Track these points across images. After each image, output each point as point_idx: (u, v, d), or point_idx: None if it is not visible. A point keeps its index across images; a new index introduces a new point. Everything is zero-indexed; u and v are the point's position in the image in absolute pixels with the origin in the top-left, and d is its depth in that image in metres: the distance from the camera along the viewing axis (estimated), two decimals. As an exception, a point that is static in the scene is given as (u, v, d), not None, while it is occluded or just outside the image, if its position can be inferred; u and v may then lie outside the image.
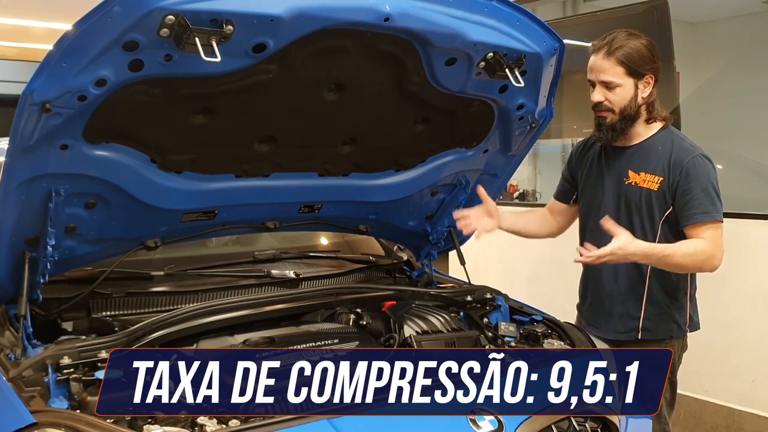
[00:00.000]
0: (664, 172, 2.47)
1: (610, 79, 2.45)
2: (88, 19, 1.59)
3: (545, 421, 1.94)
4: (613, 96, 2.47)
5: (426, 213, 2.84)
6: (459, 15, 2.00)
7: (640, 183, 2.50)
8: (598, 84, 2.48)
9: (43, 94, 1.65)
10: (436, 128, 2.41)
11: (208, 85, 1.86)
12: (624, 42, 2.44)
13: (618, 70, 2.44)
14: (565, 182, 2.82)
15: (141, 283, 2.40)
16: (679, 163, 2.45)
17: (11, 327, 2.10)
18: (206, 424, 1.75)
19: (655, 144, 2.53)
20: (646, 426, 2.43)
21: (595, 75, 2.48)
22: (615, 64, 2.44)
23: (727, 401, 3.85)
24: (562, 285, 3.43)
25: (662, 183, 2.46)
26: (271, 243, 2.98)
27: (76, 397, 1.78)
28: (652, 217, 2.49)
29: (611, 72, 2.45)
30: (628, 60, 2.43)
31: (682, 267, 2.48)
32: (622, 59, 2.43)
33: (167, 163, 2.10)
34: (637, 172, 2.51)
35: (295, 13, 1.74)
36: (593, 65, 2.49)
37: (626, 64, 2.44)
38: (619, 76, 2.45)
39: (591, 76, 2.50)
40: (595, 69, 2.48)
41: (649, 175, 2.49)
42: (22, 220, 1.96)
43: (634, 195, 2.51)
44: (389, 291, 2.59)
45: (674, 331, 2.56)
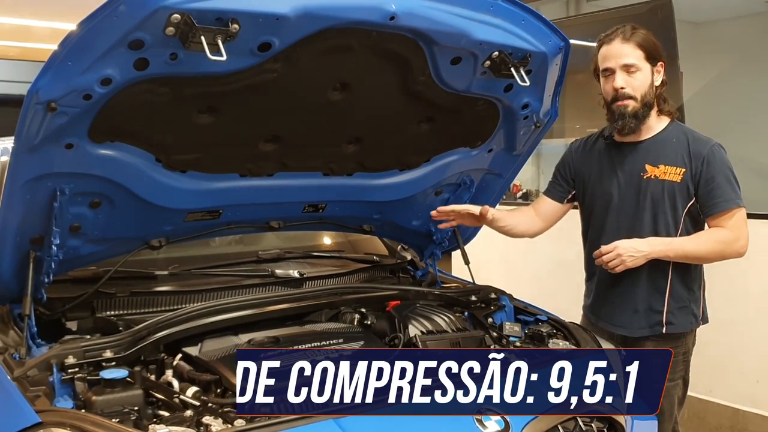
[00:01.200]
0: (685, 164, 2.47)
1: (633, 61, 2.45)
2: (94, 18, 1.59)
3: (551, 421, 1.94)
4: (633, 81, 2.47)
5: (430, 212, 2.83)
6: (464, 14, 2.00)
7: (661, 176, 2.50)
8: (619, 69, 2.47)
9: (48, 93, 1.65)
10: (440, 127, 2.41)
11: (213, 84, 1.85)
12: (635, 30, 2.48)
13: (638, 53, 2.46)
14: (562, 181, 2.79)
15: (145, 282, 2.40)
16: (698, 153, 2.47)
17: (15, 326, 2.09)
18: (212, 423, 1.75)
19: (668, 137, 2.53)
20: (651, 426, 2.42)
21: (615, 61, 2.47)
22: (635, 48, 2.45)
23: (731, 401, 3.84)
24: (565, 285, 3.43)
25: (684, 174, 2.47)
26: (274, 243, 2.98)
27: (81, 396, 1.78)
28: (675, 209, 2.50)
29: (633, 55, 2.46)
30: (645, 44, 2.46)
31: (703, 256, 2.50)
32: (641, 42, 2.46)
33: (172, 162, 2.10)
34: (656, 165, 2.51)
35: (300, 12, 1.73)
36: (610, 52, 2.48)
37: (644, 48, 2.46)
38: (640, 60, 2.46)
39: (609, 63, 2.49)
40: (613, 55, 2.48)
41: (670, 167, 2.49)
42: (26, 220, 1.96)
43: (656, 189, 2.51)
44: (393, 291, 2.59)
45: (693, 324, 2.58)
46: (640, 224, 2.53)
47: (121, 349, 1.92)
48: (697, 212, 2.50)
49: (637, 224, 2.53)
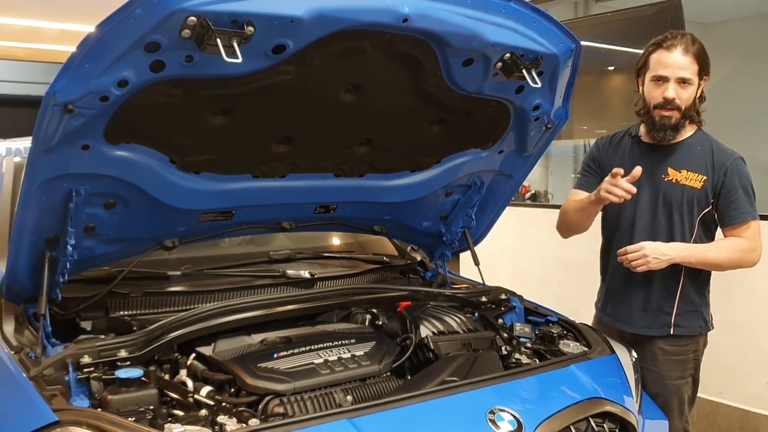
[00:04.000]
0: (707, 172, 2.49)
1: (689, 75, 2.44)
2: (111, 20, 1.60)
3: (564, 421, 1.94)
4: (684, 94, 2.46)
5: (440, 214, 2.84)
6: (476, 16, 2.00)
7: (682, 181, 2.52)
8: (675, 81, 2.45)
9: (65, 95, 1.66)
10: (451, 129, 2.42)
11: (227, 86, 1.86)
12: (695, 41, 2.45)
13: (695, 68, 2.45)
14: (594, 174, 2.77)
15: (158, 282, 2.42)
16: (722, 163, 2.48)
17: (31, 326, 2.12)
18: (226, 422, 1.76)
19: (693, 144, 2.55)
20: (662, 426, 2.43)
21: (673, 71, 2.45)
22: (693, 62, 2.44)
23: (741, 403, 3.84)
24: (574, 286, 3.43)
25: (705, 182, 2.49)
26: (285, 243, 3.00)
27: (97, 395, 1.80)
28: (691, 215, 2.51)
29: (691, 69, 2.44)
30: (703, 58, 2.45)
31: (721, 264, 2.53)
32: (699, 56, 2.44)
33: (186, 163, 2.11)
34: (678, 170, 2.52)
35: (315, 14, 1.74)
36: (669, 61, 2.45)
37: (700, 62, 2.45)
38: (695, 74, 2.46)
39: (666, 72, 2.46)
40: (673, 65, 2.45)
41: (692, 174, 2.50)
42: (42, 220, 1.97)
43: (675, 192, 2.52)
44: (404, 291, 2.60)
45: (702, 328, 2.59)
46: (656, 225, 2.55)
47: (136, 348, 1.94)
48: (711, 220, 2.52)
49: (654, 225, 2.55)
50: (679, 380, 2.57)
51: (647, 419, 2.31)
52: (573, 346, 2.37)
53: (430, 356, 2.25)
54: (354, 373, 2.06)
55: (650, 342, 2.58)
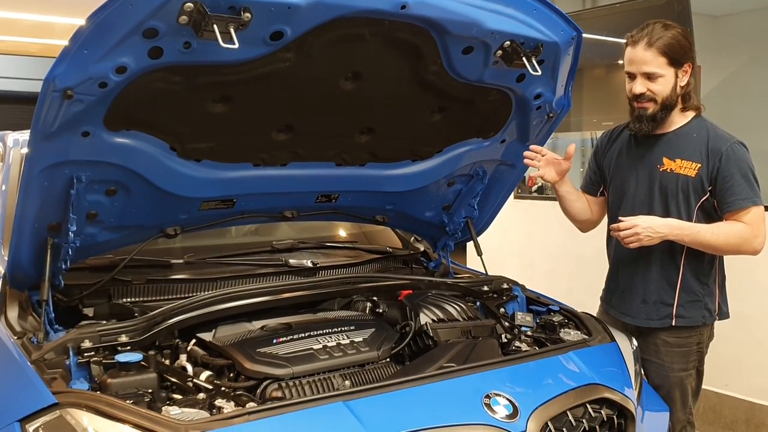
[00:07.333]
0: (701, 159, 2.47)
1: (654, 70, 2.44)
2: (109, 6, 1.61)
3: (560, 406, 1.94)
4: (655, 86, 2.46)
5: (443, 204, 2.84)
6: (476, 3, 2.00)
7: (676, 169, 2.50)
8: (640, 75, 2.46)
9: (64, 81, 1.68)
10: (453, 118, 2.42)
11: (226, 73, 1.87)
12: (663, 33, 2.44)
13: (660, 60, 2.43)
14: (592, 174, 2.80)
15: (161, 270, 2.44)
16: (717, 150, 2.45)
17: (34, 312, 2.14)
18: (224, 406, 1.77)
19: (689, 131, 2.53)
20: (662, 417, 2.42)
21: (637, 67, 2.46)
22: (657, 55, 2.43)
23: (747, 395, 3.82)
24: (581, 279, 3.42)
25: (700, 170, 2.47)
26: (288, 233, 3.01)
27: (97, 379, 1.82)
28: (688, 203, 2.49)
29: (654, 63, 2.43)
30: (670, 50, 2.43)
31: (718, 247, 2.48)
32: (664, 49, 2.43)
33: (186, 150, 2.13)
34: (673, 159, 2.51)
35: (312, 0, 1.75)
36: (633, 57, 2.46)
37: (668, 54, 2.43)
38: (662, 67, 2.44)
39: (631, 68, 2.48)
40: (636, 61, 2.46)
41: (686, 162, 2.49)
42: (44, 207, 1.99)
43: (670, 182, 2.51)
44: (405, 280, 2.60)
45: (707, 318, 2.57)
46: (653, 215, 2.53)
47: (136, 334, 1.95)
48: (711, 208, 2.49)
49: (651, 215, 2.53)
50: (683, 372, 2.55)
51: (648, 410, 2.31)
52: (574, 335, 2.37)
53: (430, 343, 2.25)
54: (352, 358, 2.07)
55: (653, 334, 2.57)
